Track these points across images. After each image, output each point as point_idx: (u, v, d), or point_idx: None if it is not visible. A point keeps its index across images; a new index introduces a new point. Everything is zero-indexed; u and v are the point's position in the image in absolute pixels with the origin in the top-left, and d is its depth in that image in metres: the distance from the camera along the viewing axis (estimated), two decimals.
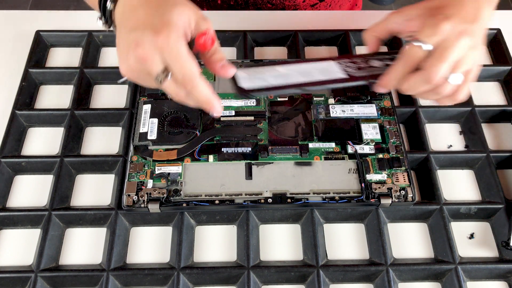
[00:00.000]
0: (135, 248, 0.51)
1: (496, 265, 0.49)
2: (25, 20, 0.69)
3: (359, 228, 0.52)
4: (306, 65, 0.49)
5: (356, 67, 0.48)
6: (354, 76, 0.47)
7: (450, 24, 0.41)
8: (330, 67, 0.48)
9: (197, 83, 0.40)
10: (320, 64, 0.49)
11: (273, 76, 0.47)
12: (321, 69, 0.48)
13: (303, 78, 0.47)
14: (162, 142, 0.53)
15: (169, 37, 0.38)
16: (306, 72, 0.47)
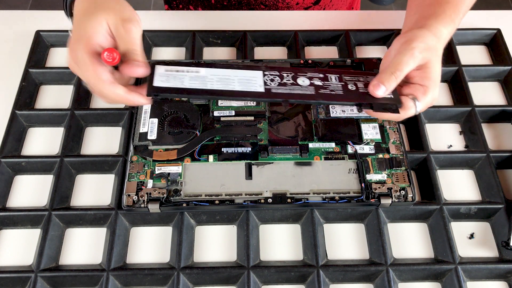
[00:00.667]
0: (135, 248, 0.51)
1: (496, 265, 0.49)
2: (25, 20, 0.69)
3: (359, 228, 0.52)
4: (231, 72, 0.49)
5: (283, 82, 0.49)
6: (271, 92, 0.47)
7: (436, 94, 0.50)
8: (255, 78, 0.48)
9: (101, 88, 0.44)
10: (247, 72, 0.49)
11: (191, 77, 0.47)
12: (244, 79, 0.48)
13: (219, 85, 0.47)
14: (162, 142, 0.53)
15: (76, 49, 0.43)
16: (225, 79, 0.47)
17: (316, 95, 0.48)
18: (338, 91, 0.50)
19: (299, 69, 0.52)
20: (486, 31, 0.67)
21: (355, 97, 0.49)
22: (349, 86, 0.51)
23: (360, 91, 0.50)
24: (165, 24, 0.69)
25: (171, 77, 0.47)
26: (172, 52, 0.67)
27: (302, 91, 0.48)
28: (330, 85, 0.50)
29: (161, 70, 0.48)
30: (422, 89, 0.49)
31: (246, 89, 0.47)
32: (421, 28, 0.50)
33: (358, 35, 0.67)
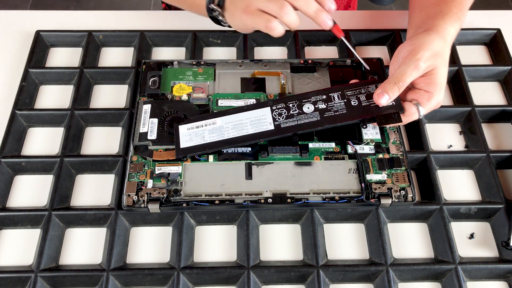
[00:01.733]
0: (135, 248, 0.51)
1: (496, 265, 0.49)
2: (25, 20, 0.69)
3: (359, 228, 0.52)
4: (242, 115, 0.53)
5: (290, 114, 0.52)
6: (281, 128, 0.52)
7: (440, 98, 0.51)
8: (264, 116, 0.52)
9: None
10: (257, 112, 0.53)
11: (210, 130, 0.52)
12: (254, 120, 0.52)
13: (234, 132, 0.52)
14: (162, 142, 0.53)
15: None
16: (239, 124, 0.52)
17: (322, 121, 0.52)
18: (342, 110, 0.52)
19: (303, 94, 0.54)
20: (486, 31, 0.67)
21: (358, 114, 0.52)
22: (352, 102, 0.53)
23: (363, 105, 0.52)
24: (165, 24, 0.69)
25: (193, 135, 0.52)
26: (172, 52, 0.67)
27: (308, 119, 0.52)
28: (333, 105, 0.53)
29: (184, 130, 0.52)
30: (427, 95, 0.50)
31: (259, 130, 0.52)
32: (429, 31, 0.51)
33: (358, 35, 0.67)
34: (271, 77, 0.60)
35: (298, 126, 0.52)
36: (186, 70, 0.60)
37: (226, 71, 0.60)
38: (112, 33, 0.66)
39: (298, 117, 0.52)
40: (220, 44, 0.67)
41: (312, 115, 0.52)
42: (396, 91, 0.50)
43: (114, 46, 0.67)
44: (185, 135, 0.52)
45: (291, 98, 0.54)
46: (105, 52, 0.66)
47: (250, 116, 0.53)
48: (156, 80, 0.58)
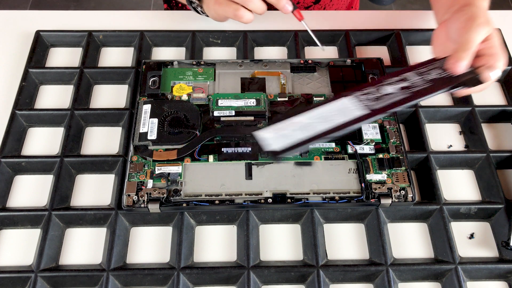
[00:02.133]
0: (135, 248, 0.51)
1: (496, 265, 0.49)
2: (25, 20, 0.69)
3: (359, 228, 0.52)
4: (322, 109, 0.48)
5: (375, 96, 0.48)
6: (377, 109, 0.47)
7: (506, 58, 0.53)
8: (347, 105, 0.48)
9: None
10: (335, 104, 0.49)
11: (295, 129, 0.47)
12: (339, 111, 0.48)
13: (324, 124, 0.47)
14: (162, 142, 0.53)
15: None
16: (325, 117, 0.47)
17: (414, 95, 0.48)
18: (426, 84, 0.49)
19: (374, 83, 0.50)
20: None
21: (443, 84, 0.50)
22: (429, 77, 0.51)
23: (442, 77, 0.50)
24: (165, 24, 0.69)
25: (278, 137, 0.47)
26: (172, 52, 0.67)
27: (398, 96, 0.48)
28: (414, 82, 0.50)
29: (268, 135, 0.47)
30: (494, 58, 0.51)
31: (351, 117, 0.47)
32: (468, 6, 0.53)
33: (358, 35, 0.67)
34: (271, 77, 0.60)
35: (392, 104, 0.47)
36: (186, 70, 0.60)
37: (226, 71, 0.60)
38: (112, 33, 0.66)
39: (386, 97, 0.48)
40: (220, 44, 0.67)
41: (399, 93, 0.48)
42: (468, 56, 0.50)
43: (114, 46, 0.67)
44: (271, 139, 0.47)
45: (364, 87, 0.50)
46: (105, 52, 0.66)
47: (331, 108, 0.48)
48: (156, 80, 0.58)
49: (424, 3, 1.87)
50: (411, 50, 0.67)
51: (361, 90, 0.49)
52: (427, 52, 0.67)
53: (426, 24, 0.69)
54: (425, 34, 0.67)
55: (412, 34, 0.67)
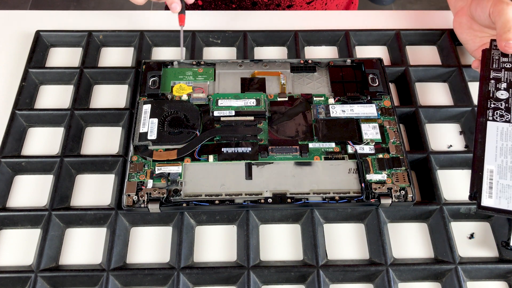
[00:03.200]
0: (135, 248, 0.51)
1: (496, 265, 0.49)
2: (25, 20, 0.69)
3: (359, 228, 0.52)
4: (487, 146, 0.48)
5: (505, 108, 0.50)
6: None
7: None
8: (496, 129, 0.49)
9: None
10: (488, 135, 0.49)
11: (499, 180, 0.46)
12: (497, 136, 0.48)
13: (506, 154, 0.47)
14: (162, 142, 0.53)
15: None
16: (500, 149, 0.48)
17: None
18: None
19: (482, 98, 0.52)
20: None
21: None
22: (507, 66, 0.54)
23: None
24: (165, 24, 0.69)
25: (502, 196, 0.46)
26: (172, 52, 0.67)
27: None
28: (501, 76, 0.53)
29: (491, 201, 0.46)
30: None
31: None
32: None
33: (358, 35, 0.67)
34: (271, 77, 0.60)
35: None
36: (186, 70, 0.60)
37: (226, 71, 0.60)
38: (112, 33, 0.66)
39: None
40: (220, 44, 0.67)
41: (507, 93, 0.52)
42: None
43: (114, 46, 0.67)
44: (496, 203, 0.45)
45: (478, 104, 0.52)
46: (105, 52, 0.66)
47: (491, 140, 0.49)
48: (156, 80, 0.58)
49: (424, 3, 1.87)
50: (411, 50, 0.67)
51: (483, 110, 0.51)
52: (428, 52, 0.67)
53: (426, 24, 0.69)
54: (425, 34, 0.67)
55: (412, 34, 0.67)
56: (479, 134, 0.49)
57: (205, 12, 0.72)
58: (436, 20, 0.70)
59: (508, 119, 0.50)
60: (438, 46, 0.67)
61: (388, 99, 0.58)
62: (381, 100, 0.57)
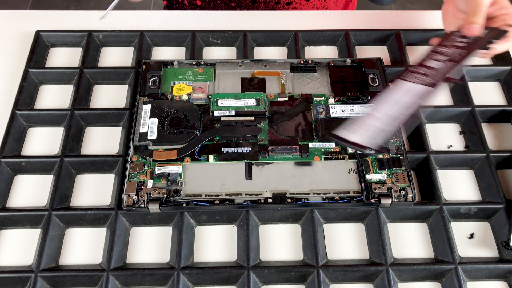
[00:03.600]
0: (135, 248, 0.51)
1: (496, 265, 0.49)
2: (25, 20, 0.69)
3: (359, 228, 0.52)
4: (391, 97, 0.50)
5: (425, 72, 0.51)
6: (433, 82, 0.50)
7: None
8: (407, 86, 0.50)
9: None
10: (397, 89, 0.51)
11: (377, 123, 0.48)
12: (404, 92, 0.50)
13: (399, 110, 0.48)
14: (162, 142, 0.53)
15: None
16: (396, 103, 0.49)
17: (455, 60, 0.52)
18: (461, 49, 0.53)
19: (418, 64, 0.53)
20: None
21: (474, 45, 0.53)
22: (459, 45, 0.54)
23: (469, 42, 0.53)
24: (165, 24, 0.69)
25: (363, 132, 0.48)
26: (172, 52, 0.67)
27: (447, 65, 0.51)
28: (447, 52, 0.53)
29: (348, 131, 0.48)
30: (509, 16, 0.52)
31: (418, 92, 0.49)
32: None
33: (358, 35, 0.67)
34: (271, 77, 0.60)
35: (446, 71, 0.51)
36: (186, 70, 0.60)
37: (226, 71, 0.60)
38: (112, 33, 0.66)
39: (437, 70, 0.51)
40: (220, 44, 0.67)
41: (444, 63, 0.52)
42: (479, 19, 0.52)
43: (114, 46, 0.67)
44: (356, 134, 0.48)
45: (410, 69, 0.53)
46: (105, 52, 0.66)
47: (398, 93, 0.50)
48: (156, 80, 0.58)
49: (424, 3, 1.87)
50: (411, 50, 0.67)
51: (409, 72, 0.52)
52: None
53: (426, 24, 0.69)
54: (425, 34, 0.67)
55: (412, 34, 0.67)
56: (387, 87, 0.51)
57: (205, 12, 0.72)
58: (436, 20, 0.70)
59: (420, 82, 0.50)
60: None
61: None
62: None
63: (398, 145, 0.54)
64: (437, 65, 0.52)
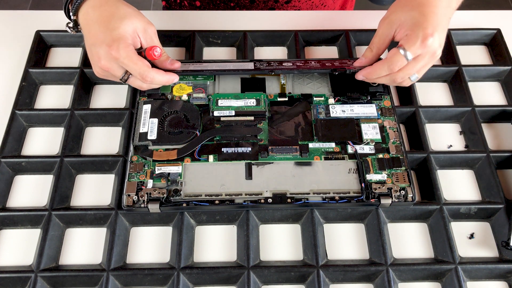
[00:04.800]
0: (135, 248, 0.51)
1: (496, 265, 0.49)
2: (25, 20, 0.69)
3: (359, 228, 0.52)
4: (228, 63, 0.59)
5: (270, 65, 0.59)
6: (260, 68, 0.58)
7: (434, 41, 0.49)
8: (246, 65, 0.58)
9: (152, 75, 0.52)
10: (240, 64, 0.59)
11: (194, 66, 0.58)
12: (237, 65, 0.59)
13: (217, 66, 0.58)
14: (162, 142, 0.53)
15: (118, 48, 0.50)
16: (223, 65, 0.58)
17: (297, 68, 0.58)
18: (316, 66, 0.58)
19: (285, 60, 0.60)
20: (486, 31, 0.67)
21: (330, 66, 0.57)
22: (326, 64, 0.58)
23: (335, 64, 0.58)
24: (165, 24, 0.69)
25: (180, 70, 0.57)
26: (172, 52, 0.67)
27: (285, 67, 0.58)
28: (309, 62, 0.59)
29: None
30: (406, 38, 0.50)
31: (239, 67, 0.58)
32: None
33: (358, 35, 0.67)
34: (271, 77, 0.60)
35: (275, 68, 0.57)
36: None
37: None
38: None
39: (277, 66, 0.58)
40: (220, 44, 0.67)
41: (289, 66, 0.58)
42: (368, 52, 0.54)
43: None
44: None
45: (273, 61, 0.59)
46: None
47: (234, 63, 0.59)
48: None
49: None
50: None
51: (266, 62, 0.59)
52: None
53: None
54: None
55: None
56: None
57: (204, 12, 0.72)
58: None
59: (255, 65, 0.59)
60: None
61: (388, 99, 0.57)
62: (381, 100, 0.57)
63: (398, 145, 0.54)
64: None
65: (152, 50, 0.52)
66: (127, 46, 0.50)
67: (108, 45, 0.50)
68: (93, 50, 0.52)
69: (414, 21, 0.49)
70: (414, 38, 0.49)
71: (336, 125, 0.55)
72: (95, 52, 0.51)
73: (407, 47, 0.49)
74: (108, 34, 0.50)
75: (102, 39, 0.50)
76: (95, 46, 0.51)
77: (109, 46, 0.50)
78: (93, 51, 0.52)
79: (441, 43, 0.50)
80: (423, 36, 0.48)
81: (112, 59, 0.50)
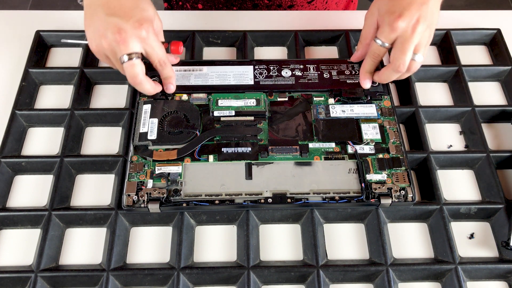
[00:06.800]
0: (135, 248, 0.51)
1: (496, 265, 0.49)
2: (25, 20, 0.69)
3: (359, 228, 0.52)
4: (227, 68, 0.59)
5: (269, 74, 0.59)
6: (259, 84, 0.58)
7: (404, 21, 0.49)
8: (246, 72, 0.59)
9: (168, 64, 0.53)
10: (241, 68, 0.59)
11: (195, 75, 0.58)
12: (237, 74, 0.58)
13: (217, 80, 0.58)
14: (162, 142, 0.53)
15: (149, 30, 0.49)
16: (223, 75, 0.58)
17: (296, 85, 0.58)
18: (314, 80, 0.58)
19: (284, 61, 0.60)
20: (486, 31, 0.67)
21: (328, 85, 0.58)
22: (324, 74, 0.59)
23: (333, 79, 0.58)
24: (165, 24, 0.68)
25: (180, 76, 0.58)
26: None
27: (284, 81, 0.58)
28: (308, 74, 0.59)
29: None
30: (379, 27, 0.52)
31: (239, 83, 0.58)
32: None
33: (358, 35, 0.67)
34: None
35: (274, 85, 0.58)
36: None
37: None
38: None
39: (276, 78, 0.58)
40: (220, 44, 0.67)
41: (288, 79, 0.58)
42: (358, 45, 0.56)
43: None
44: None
45: (272, 62, 0.60)
46: None
47: (234, 70, 0.59)
48: (156, 80, 0.58)
49: None
50: None
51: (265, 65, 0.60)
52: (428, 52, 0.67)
53: None
54: None
55: None
56: None
57: (205, 12, 0.72)
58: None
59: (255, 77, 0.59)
60: (438, 46, 0.67)
61: (388, 99, 0.57)
62: (381, 100, 0.57)
63: (398, 145, 0.54)
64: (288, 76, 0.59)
65: (180, 45, 0.54)
66: (154, 30, 0.50)
67: (139, 22, 0.48)
68: (111, 20, 0.48)
69: (386, 8, 0.51)
70: (382, 25, 0.51)
71: (336, 125, 0.55)
72: (113, 23, 0.48)
73: (378, 35, 0.51)
74: (139, 12, 0.49)
75: (131, 15, 0.48)
76: (117, 17, 0.48)
77: (139, 24, 0.48)
78: (111, 21, 0.48)
79: (421, 18, 0.49)
80: (389, 21, 0.49)
81: (137, 37, 0.48)
